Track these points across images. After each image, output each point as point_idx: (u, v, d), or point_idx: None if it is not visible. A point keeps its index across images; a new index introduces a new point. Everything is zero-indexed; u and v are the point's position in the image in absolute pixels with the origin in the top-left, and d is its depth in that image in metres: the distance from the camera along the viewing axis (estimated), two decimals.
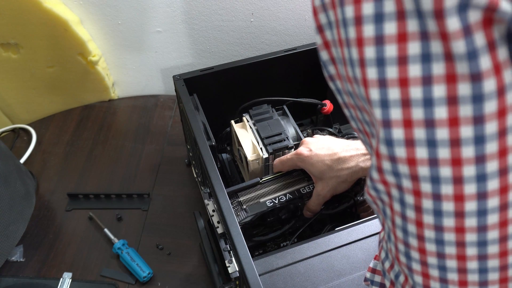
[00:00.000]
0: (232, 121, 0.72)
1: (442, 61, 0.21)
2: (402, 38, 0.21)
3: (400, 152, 0.23)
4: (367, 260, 0.53)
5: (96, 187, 0.88)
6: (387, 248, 0.32)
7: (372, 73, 0.23)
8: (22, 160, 0.92)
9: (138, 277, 0.73)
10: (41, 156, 0.94)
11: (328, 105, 0.77)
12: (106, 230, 0.78)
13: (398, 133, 0.23)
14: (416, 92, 0.22)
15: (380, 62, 0.22)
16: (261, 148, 0.67)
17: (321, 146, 0.61)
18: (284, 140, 0.67)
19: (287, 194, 0.62)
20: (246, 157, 0.67)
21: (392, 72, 0.22)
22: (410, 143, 0.23)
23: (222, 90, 0.78)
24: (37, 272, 0.75)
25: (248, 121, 0.71)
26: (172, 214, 0.83)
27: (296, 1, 0.92)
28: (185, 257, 0.77)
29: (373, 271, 0.38)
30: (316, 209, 0.63)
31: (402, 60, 0.21)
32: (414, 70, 0.21)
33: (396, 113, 0.23)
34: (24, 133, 1.00)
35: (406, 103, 0.22)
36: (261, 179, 0.63)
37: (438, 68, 0.21)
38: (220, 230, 0.57)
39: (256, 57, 0.76)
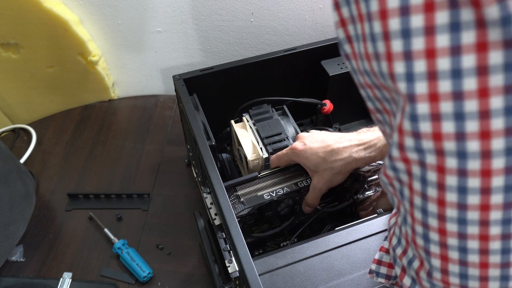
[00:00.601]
0: (232, 121, 0.72)
1: (473, 29, 0.20)
2: (429, 7, 0.20)
3: (425, 127, 0.23)
4: (367, 260, 0.53)
5: (96, 187, 0.88)
6: (400, 233, 0.31)
7: (397, 45, 0.22)
8: (22, 160, 0.92)
9: (138, 277, 0.73)
10: (41, 156, 0.94)
11: (328, 105, 0.77)
12: (106, 230, 0.78)
13: (423, 108, 0.22)
14: (443, 64, 0.21)
15: (406, 33, 0.21)
16: (261, 148, 0.67)
17: (315, 140, 0.61)
18: (284, 140, 0.67)
19: (285, 188, 0.62)
20: (246, 157, 0.67)
21: (418, 43, 0.21)
22: (436, 117, 0.22)
23: (222, 90, 0.78)
24: (37, 272, 0.75)
25: (248, 121, 0.71)
26: (172, 214, 0.83)
27: (296, 1, 0.92)
28: (185, 257, 0.77)
29: (379, 262, 0.38)
30: (314, 203, 0.63)
31: (429, 31, 0.21)
32: (442, 40, 0.21)
33: (421, 87, 0.22)
34: (24, 133, 1.00)
35: (432, 75, 0.21)
36: (259, 173, 0.64)
37: (468, 37, 0.20)
38: (217, 222, 0.57)
39: (256, 57, 0.76)
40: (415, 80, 0.22)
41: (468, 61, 0.20)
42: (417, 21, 0.21)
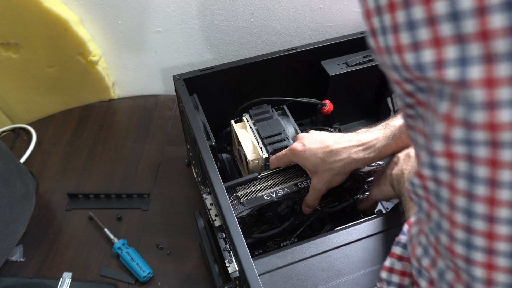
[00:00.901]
0: (232, 121, 0.72)
1: None
2: None
3: (480, 116, 0.21)
4: (367, 260, 0.53)
5: (96, 187, 0.88)
6: (428, 242, 0.29)
7: (445, 29, 0.21)
8: (22, 160, 0.92)
9: (138, 277, 0.73)
10: (41, 156, 0.94)
11: (328, 105, 0.77)
12: (106, 230, 0.78)
13: (479, 94, 0.21)
14: (500, 45, 0.19)
15: (455, 16, 0.20)
16: (261, 148, 0.67)
17: (314, 140, 0.61)
18: (284, 140, 0.67)
19: (285, 188, 0.62)
20: (246, 157, 0.67)
21: (470, 25, 0.20)
22: (492, 105, 0.20)
23: (222, 90, 0.78)
24: (37, 272, 0.75)
25: (248, 121, 0.71)
26: (172, 214, 0.83)
27: (296, 1, 0.92)
28: (185, 257, 0.77)
29: (390, 270, 0.36)
30: (313, 203, 0.63)
31: (481, 11, 0.19)
32: (497, 21, 0.19)
33: (476, 71, 0.20)
34: (24, 133, 1.00)
35: (489, 59, 0.20)
36: (259, 174, 0.64)
37: None
38: (217, 223, 0.57)
39: (256, 57, 0.76)
40: (468, 64, 0.20)
41: None
42: (468, 1, 0.19)
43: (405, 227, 0.38)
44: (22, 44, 0.91)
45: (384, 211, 0.72)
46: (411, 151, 0.57)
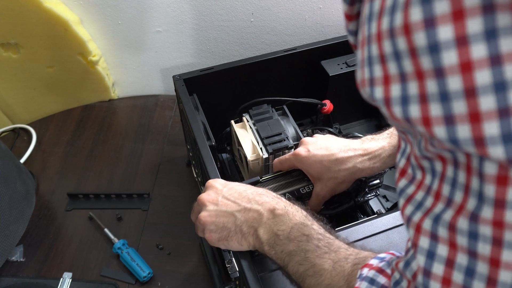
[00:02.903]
0: (232, 121, 0.72)
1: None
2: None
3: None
4: None
5: (96, 187, 0.88)
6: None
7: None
8: (22, 160, 0.92)
9: (138, 277, 0.73)
10: (41, 156, 0.94)
11: (328, 105, 0.77)
12: (106, 230, 0.78)
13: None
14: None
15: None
16: (261, 148, 0.67)
17: (319, 147, 0.60)
18: (284, 140, 0.67)
19: (286, 194, 0.62)
20: (246, 157, 0.67)
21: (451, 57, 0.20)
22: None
23: (222, 90, 0.78)
24: (37, 272, 0.75)
25: (248, 121, 0.71)
26: (172, 214, 0.83)
27: (296, 1, 0.92)
28: (185, 257, 0.77)
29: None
30: (316, 209, 0.63)
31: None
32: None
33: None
34: (24, 133, 1.00)
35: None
36: (261, 178, 0.63)
37: None
38: None
39: (256, 57, 0.76)
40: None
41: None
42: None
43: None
44: (22, 44, 0.91)
45: (384, 211, 0.72)
46: None
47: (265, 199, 0.49)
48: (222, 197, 0.50)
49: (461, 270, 0.25)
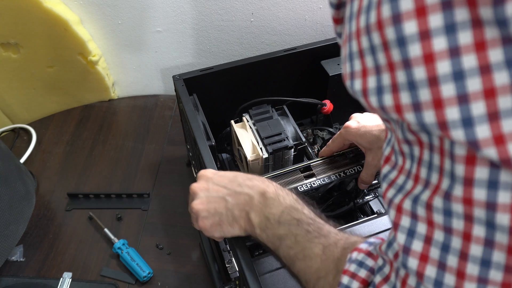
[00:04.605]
0: (232, 121, 0.72)
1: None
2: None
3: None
4: None
5: (96, 187, 0.88)
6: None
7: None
8: (22, 160, 0.92)
9: (138, 277, 0.73)
10: (41, 156, 0.94)
11: (328, 105, 0.77)
12: (106, 230, 0.78)
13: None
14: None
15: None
16: (261, 148, 0.67)
17: (369, 119, 0.62)
18: (284, 140, 0.67)
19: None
20: (246, 157, 0.67)
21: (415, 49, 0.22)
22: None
23: (222, 90, 0.78)
24: (37, 272, 0.75)
25: (248, 121, 0.71)
26: (172, 214, 0.83)
27: (296, 1, 0.92)
28: (185, 257, 0.77)
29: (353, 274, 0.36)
30: (369, 179, 0.63)
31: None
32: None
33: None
34: (24, 133, 1.00)
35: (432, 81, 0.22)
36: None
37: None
38: None
39: (256, 57, 0.76)
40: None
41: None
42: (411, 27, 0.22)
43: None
44: (22, 44, 0.91)
45: (384, 211, 0.72)
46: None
47: (255, 182, 0.49)
48: (213, 183, 0.50)
49: (437, 246, 0.26)
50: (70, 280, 0.73)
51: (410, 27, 0.21)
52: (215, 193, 0.49)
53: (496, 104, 0.21)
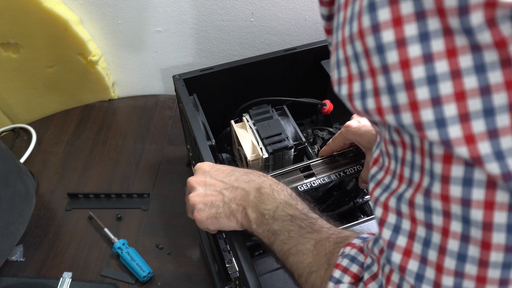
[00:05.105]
0: (232, 121, 0.72)
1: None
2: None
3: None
4: None
5: (96, 187, 0.88)
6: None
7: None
8: (22, 160, 0.92)
9: (138, 277, 0.73)
10: (41, 156, 0.94)
11: (328, 105, 0.77)
12: (106, 229, 0.78)
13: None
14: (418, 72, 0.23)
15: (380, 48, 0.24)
16: (261, 148, 0.67)
17: None
18: (284, 140, 0.67)
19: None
20: (246, 157, 0.67)
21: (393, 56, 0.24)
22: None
23: (222, 90, 0.78)
24: (37, 271, 0.75)
25: (248, 121, 0.71)
26: (172, 214, 0.83)
27: (296, 1, 0.92)
28: (185, 257, 0.77)
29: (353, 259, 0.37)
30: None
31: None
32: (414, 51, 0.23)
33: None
34: (24, 133, 1.00)
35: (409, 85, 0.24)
36: None
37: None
38: None
39: (256, 57, 0.76)
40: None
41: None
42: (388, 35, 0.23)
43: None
44: (22, 44, 0.91)
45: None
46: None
47: (251, 177, 0.50)
48: (210, 177, 0.52)
49: (420, 241, 0.28)
50: (70, 280, 0.73)
51: (388, 35, 0.23)
52: (212, 186, 0.51)
53: (467, 106, 0.22)
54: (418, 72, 0.23)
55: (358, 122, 0.62)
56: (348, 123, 0.63)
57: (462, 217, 0.24)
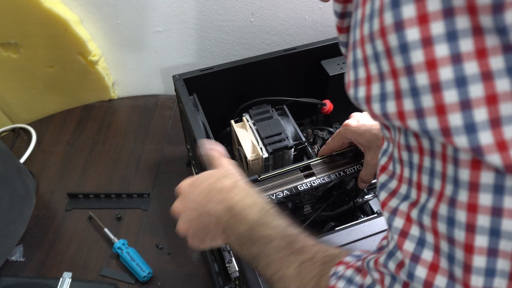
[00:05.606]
0: (232, 121, 0.72)
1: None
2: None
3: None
4: None
5: (96, 187, 0.88)
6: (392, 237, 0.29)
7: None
8: (22, 160, 0.92)
9: (138, 277, 0.72)
10: (41, 156, 0.94)
11: (328, 105, 0.77)
12: (106, 229, 0.78)
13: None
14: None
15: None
16: (261, 148, 0.67)
17: (369, 118, 0.62)
18: (284, 140, 0.67)
19: (284, 191, 0.62)
20: (246, 157, 0.67)
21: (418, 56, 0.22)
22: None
23: (222, 90, 0.78)
24: (37, 271, 0.75)
25: (248, 121, 0.71)
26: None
27: (296, 1, 0.92)
28: (185, 257, 0.77)
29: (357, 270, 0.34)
30: (369, 179, 0.63)
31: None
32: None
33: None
34: (24, 133, 1.00)
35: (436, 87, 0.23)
36: (259, 177, 0.63)
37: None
38: None
39: (256, 57, 0.76)
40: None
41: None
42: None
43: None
44: (22, 44, 0.91)
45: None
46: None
47: (224, 195, 0.46)
48: (189, 201, 0.49)
49: (445, 256, 0.26)
50: (70, 280, 0.73)
51: (413, 33, 0.22)
52: (191, 212, 0.48)
53: (498, 111, 0.21)
54: (446, 73, 0.21)
55: (357, 121, 0.62)
56: (347, 122, 0.62)
57: (490, 229, 0.23)
